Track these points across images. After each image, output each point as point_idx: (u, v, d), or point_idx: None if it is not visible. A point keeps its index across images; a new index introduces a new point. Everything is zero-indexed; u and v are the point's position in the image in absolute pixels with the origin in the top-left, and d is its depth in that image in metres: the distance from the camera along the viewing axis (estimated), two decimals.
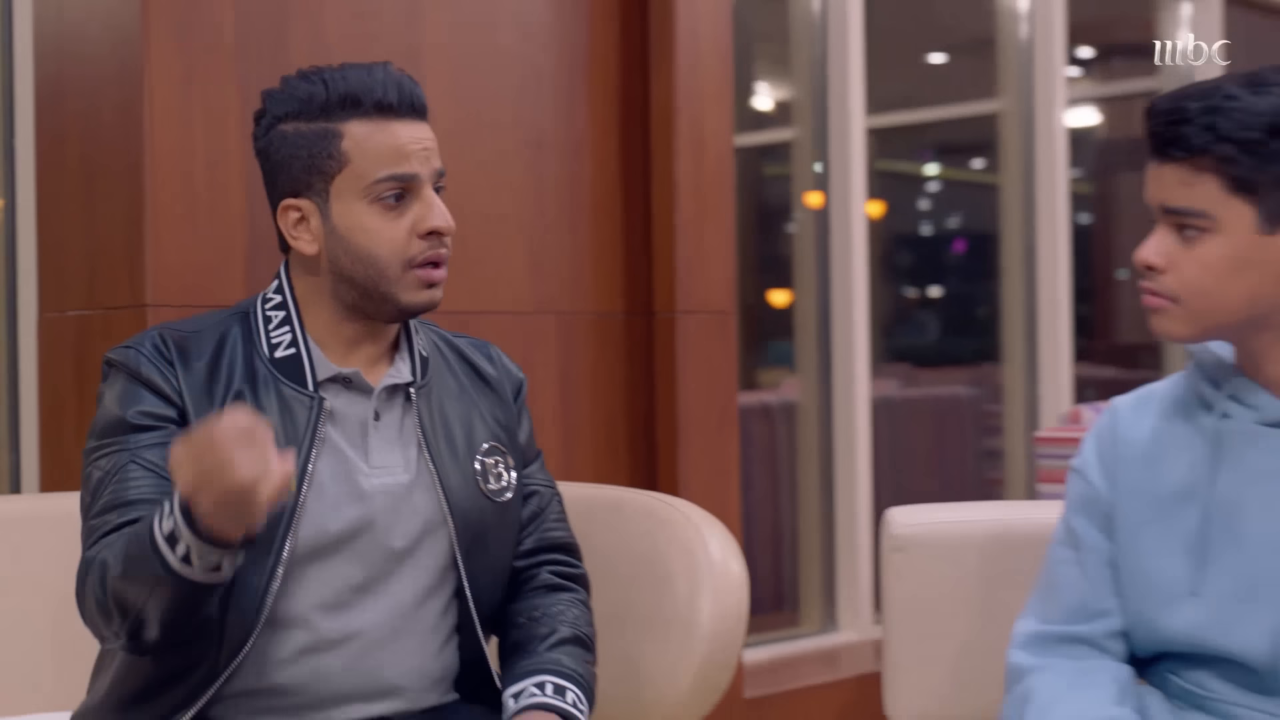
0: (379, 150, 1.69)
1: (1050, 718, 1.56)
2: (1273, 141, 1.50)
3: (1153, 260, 1.57)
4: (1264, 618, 1.54)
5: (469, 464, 1.79)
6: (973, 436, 5.21)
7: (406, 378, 1.78)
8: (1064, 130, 4.83)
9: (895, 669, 1.98)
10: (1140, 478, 1.66)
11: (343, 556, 1.71)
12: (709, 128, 3.24)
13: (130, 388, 1.70)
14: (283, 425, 1.69)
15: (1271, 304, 1.54)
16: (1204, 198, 1.53)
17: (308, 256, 1.73)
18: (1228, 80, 1.54)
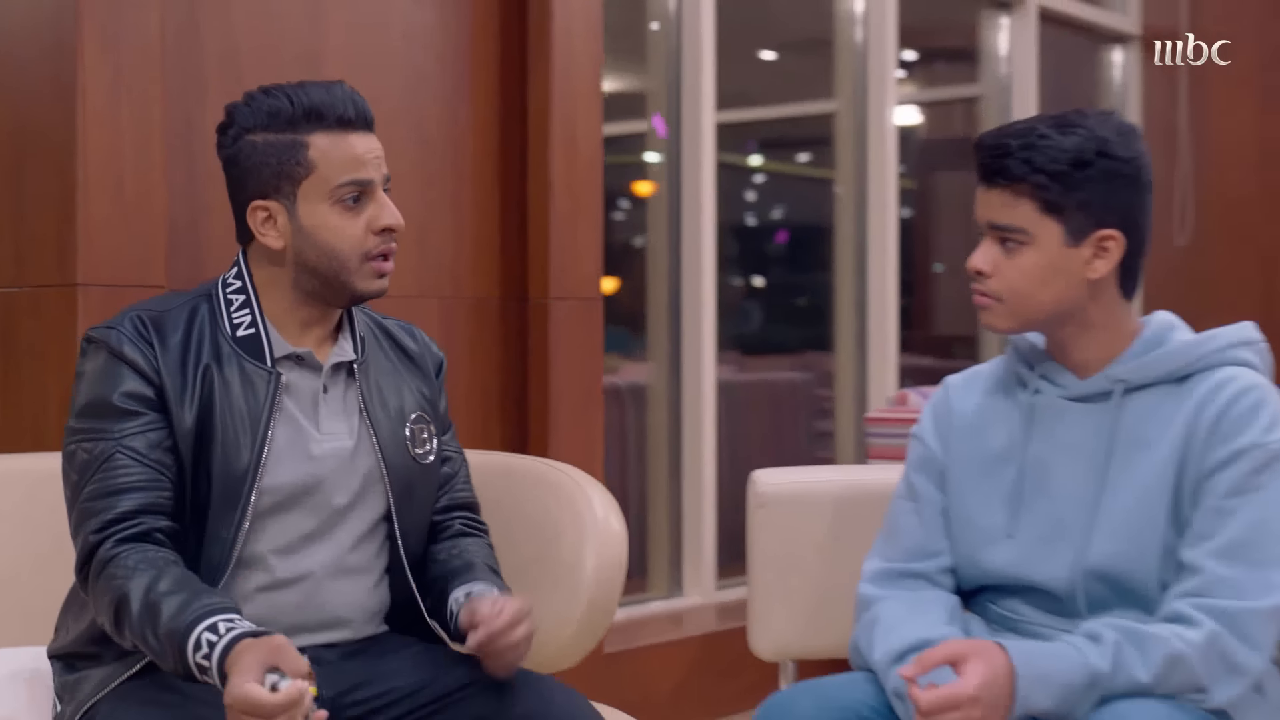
0: (341, 159, 1.95)
1: (894, 636, 1.89)
2: (1076, 173, 1.85)
3: (981, 267, 1.92)
4: (1065, 556, 1.90)
5: (400, 431, 2.07)
6: (805, 418, 5.55)
7: (350, 356, 2.04)
8: (894, 130, 5.11)
9: (759, 608, 2.31)
10: (968, 442, 2.01)
11: (296, 509, 1.98)
12: (581, 129, 3.53)
13: (112, 365, 1.93)
14: (244, 397, 1.94)
15: (1075, 303, 1.90)
16: (1022, 217, 1.88)
17: (274, 250, 1.98)
18: (1041, 121, 1.89)
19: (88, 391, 1.94)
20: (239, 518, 1.92)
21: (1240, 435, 1.84)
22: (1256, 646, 1.77)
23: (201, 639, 1.73)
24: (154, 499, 1.90)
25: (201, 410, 1.93)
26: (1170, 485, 1.86)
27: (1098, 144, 1.87)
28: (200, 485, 1.93)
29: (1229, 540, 1.80)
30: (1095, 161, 1.86)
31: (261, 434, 1.94)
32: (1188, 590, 1.79)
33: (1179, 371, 1.90)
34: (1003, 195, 1.89)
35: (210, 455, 1.92)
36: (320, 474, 1.99)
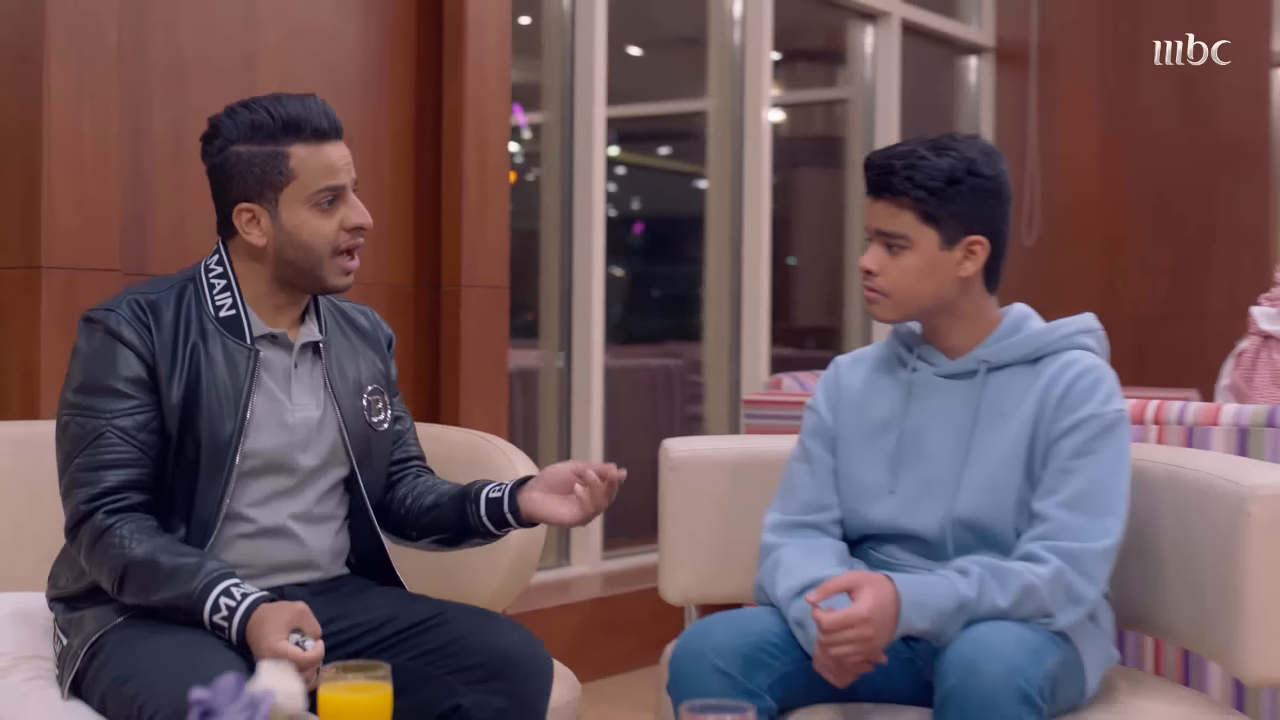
0: (318, 167, 2.22)
1: (793, 575, 2.23)
2: (949, 189, 2.21)
3: (870, 267, 2.27)
4: (937, 509, 2.25)
5: (359, 401, 2.36)
6: (679, 402, 5.87)
7: (316, 336, 2.32)
8: (769, 128, 5.44)
9: (669, 560, 2.64)
10: (855, 412, 2.36)
11: (273, 470, 2.26)
12: (490, 131, 3.83)
13: (109, 345, 2.18)
14: (227, 371, 2.21)
15: (948, 297, 2.25)
16: (905, 225, 2.23)
17: (256, 246, 2.25)
18: (919, 144, 2.24)
19: (85, 370, 2.18)
20: (225, 478, 2.20)
21: (1082, 407, 2.20)
22: (1093, 580, 2.13)
23: (220, 603, 2.04)
24: (138, 475, 2.16)
25: (189, 383, 2.19)
26: (1024, 449, 2.22)
27: (967, 164, 2.22)
28: (188, 450, 2.19)
29: (1072, 494, 2.16)
30: (965, 179, 2.22)
31: (243, 405, 2.21)
32: (1038, 535, 2.15)
33: (1032, 354, 2.26)
34: (888, 207, 2.24)
35: (198, 423, 2.19)
36: (293, 440, 2.27)
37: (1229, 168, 6.84)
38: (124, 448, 2.15)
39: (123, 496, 2.14)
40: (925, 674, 2.20)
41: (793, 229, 6.54)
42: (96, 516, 2.13)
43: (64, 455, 2.18)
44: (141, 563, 2.09)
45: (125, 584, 2.10)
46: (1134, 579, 2.31)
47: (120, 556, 2.10)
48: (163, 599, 2.08)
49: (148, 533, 2.12)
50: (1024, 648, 1.99)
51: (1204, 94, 6.87)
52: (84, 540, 2.14)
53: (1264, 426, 2.59)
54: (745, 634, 2.16)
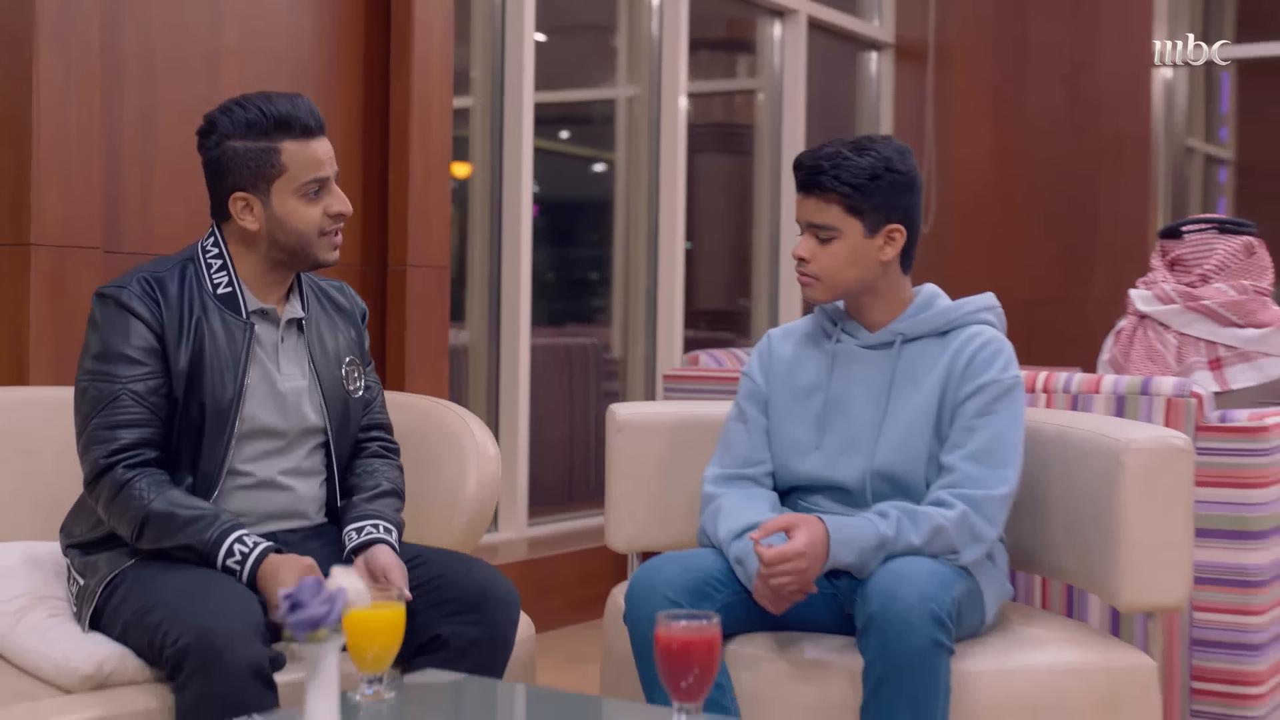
0: (306, 161, 2.49)
1: (733, 520, 2.54)
2: (870, 184, 2.52)
3: (804, 255, 2.57)
4: (858, 463, 2.57)
5: (337, 372, 2.63)
6: (594, 379, 6.14)
7: (300, 313, 2.59)
8: (684, 115, 5.66)
9: (614, 512, 2.93)
10: (785, 378, 2.67)
11: (266, 432, 2.52)
12: (434, 122, 4.10)
13: (122, 318, 2.43)
14: (226, 343, 2.47)
15: (871, 278, 2.57)
16: (833, 218, 2.54)
17: (250, 230, 2.50)
18: (843, 145, 2.55)
19: (101, 340, 2.43)
20: (227, 439, 2.46)
21: (983, 374, 2.53)
22: (993, 522, 2.46)
23: (234, 549, 2.32)
24: (150, 434, 2.42)
25: (194, 352, 2.45)
26: (934, 410, 2.54)
27: (885, 162, 2.54)
28: (193, 413, 2.45)
29: (974, 448, 2.49)
30: (884, 175, 2.54)
31: (240, 373, 2.48)
32: (945, 484, 2.48)
33: (941, 328, 2.59)
34: (818, 202, 2.55)
35: (202, 389, 2.45)
36: (283, 406, 2.54)
37: (1112, 162, 7.27)
38: (138, 409, 2.41)
39: (138, 453, 2.40)
40: (845, 607, 2.53)
41: (693, 215, 6.80)
42: (116, 470, 2.38)
43: (82, 416, 2.43)
44: (160, 513, 2.35)
45: (144, 531, 2.36)
46: (1025, 525, 2.65)
47: (140, 507, 2.35)
48: (179, 544, 2.34)
49: (162, 486, 2.38)
50: (935, 578, 2.31)
51: (1088, 92, 7.29)
52: (104, 492, 2.39)
53: (1139, 394, 2.95)
54: (692, 570, 2.47)
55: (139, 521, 2.36)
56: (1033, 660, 2.41)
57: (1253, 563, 2.92)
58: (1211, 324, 3.38)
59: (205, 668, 2.16)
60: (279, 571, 2.30)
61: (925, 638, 2.24)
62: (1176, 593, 2.44)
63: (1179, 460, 2.44)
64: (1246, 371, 3.34)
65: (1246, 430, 2.91)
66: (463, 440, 2.94)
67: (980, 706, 2.34)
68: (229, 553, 2.32)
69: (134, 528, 2.37)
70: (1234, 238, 3.47)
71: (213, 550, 2.33)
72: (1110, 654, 2.45)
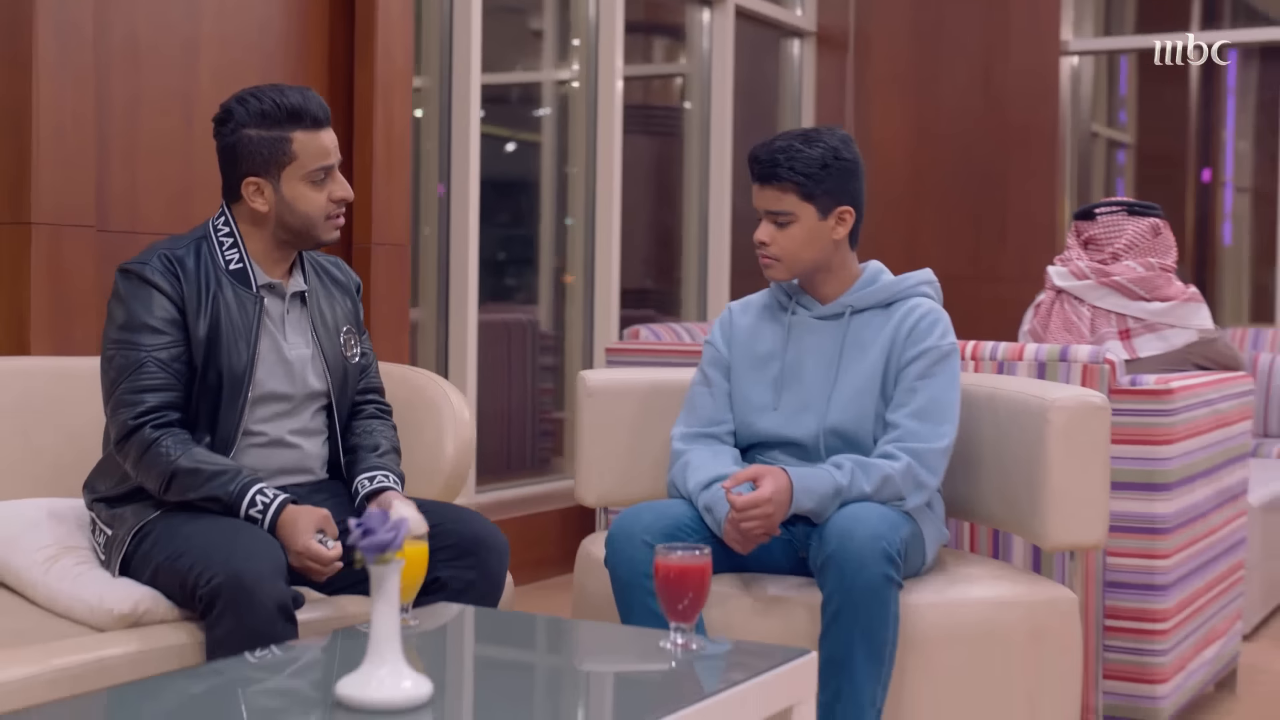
0: (314, 150, 2.72)
1: (700, 473, 2.81)
2: (821, 173, 2.80)
3: (765, 239, 2.84)
4: (812, 421, 2.86)
5: (336, 340, 2.87)
6: (531, 353, 6.38)
7: (302, 287, 2.83)
8: (620, 98, 5.86)
9: (585, 470, 3.20)
10: (745, 346, 2.95)
11: (275, 397, 2.76)
12: (395, 108, 4.33)
13: (144, 291, 2.65)
14: (239, 314, 2.70)
15: (825, 258, 2.85)
16: (789, 205, 2.82)
17: (260, 212, 2.74)
18: (794, 138, 2.82)
19: (126, 312, 2.66)
20: (242, 403, 2.70)
21: (924, 341, 2.82)
22: (934, 472, 2.76)
23: (255, 499, 2.56)
24: (174, 398, 2.66)
25: (211, 323, 2.69)
26: (880, 374, 2.83)
27: (833, 152, 2.82)
28: (211, 379, 2.69)
29: (916, 407, 2.79)
30: (832, 164, 2.82)
31: (253, 343, 2.72)
32: (891, 439, 2.77)
33: (886, 300, 2.88)
34: (775, 192, 2.83)
35: (219, 357, 2.69)
36: (290, 373, 2.78)
37: (1021, 147, 7.63)
38: (162, 375, 2.64)
39: (163, 414, 2.63)
40: (800, 551, 2.82)
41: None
42: (144, 430, 2.61)
43: (110, 382, 2.66)
44: (187, 469, 2.58)
45: (171, 485, 2.59)
46: (959, 477, 2.95)
47: (168, 464, 2.59)
48: (204, 496, 2.58)
49: (186, 444, 2.61)
50: (885, 521, 2.61)
51: (999, 80, 7.65)
52: (132, 451, 2.62)
53: (1058, 361, 3.26)
54: (665, 517, 2.75)
55: (167, 476, 2.59)
56: (969, 594, 2.72)
57: (1160, 511, 3.24)
58: (1121, 298, 3.70)
59: (236, 605, 2.40)
60: (298, 520, 2.54)
61: (877, 573, 2.53)
62: (1095, 533, 2.76)
63: (1097, 416, 2.75)
64: (1153, 341, 3.67)
65: (1154, 393, 3.23)
66: (441, 406, 3.20)
67: (924, 635, 2.64)
68: (251, 503, 2.56)
69: (162, 482, 2.60)
70: (1141, 219, 3.80)
71: (236, 501, 2.57)
72: (1036, 588, 2.76)
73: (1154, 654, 3.26)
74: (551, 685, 2.21)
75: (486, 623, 2.42)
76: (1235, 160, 11.25)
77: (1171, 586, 3.28)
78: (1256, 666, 4.23)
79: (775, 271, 2.87)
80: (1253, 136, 11.19)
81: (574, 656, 2.34)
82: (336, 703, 1.79)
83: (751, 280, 7.21)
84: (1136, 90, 10.64)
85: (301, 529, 2.53)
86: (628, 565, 2.69)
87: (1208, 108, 11.05)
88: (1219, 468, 3.54)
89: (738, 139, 6.79)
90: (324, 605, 2.68)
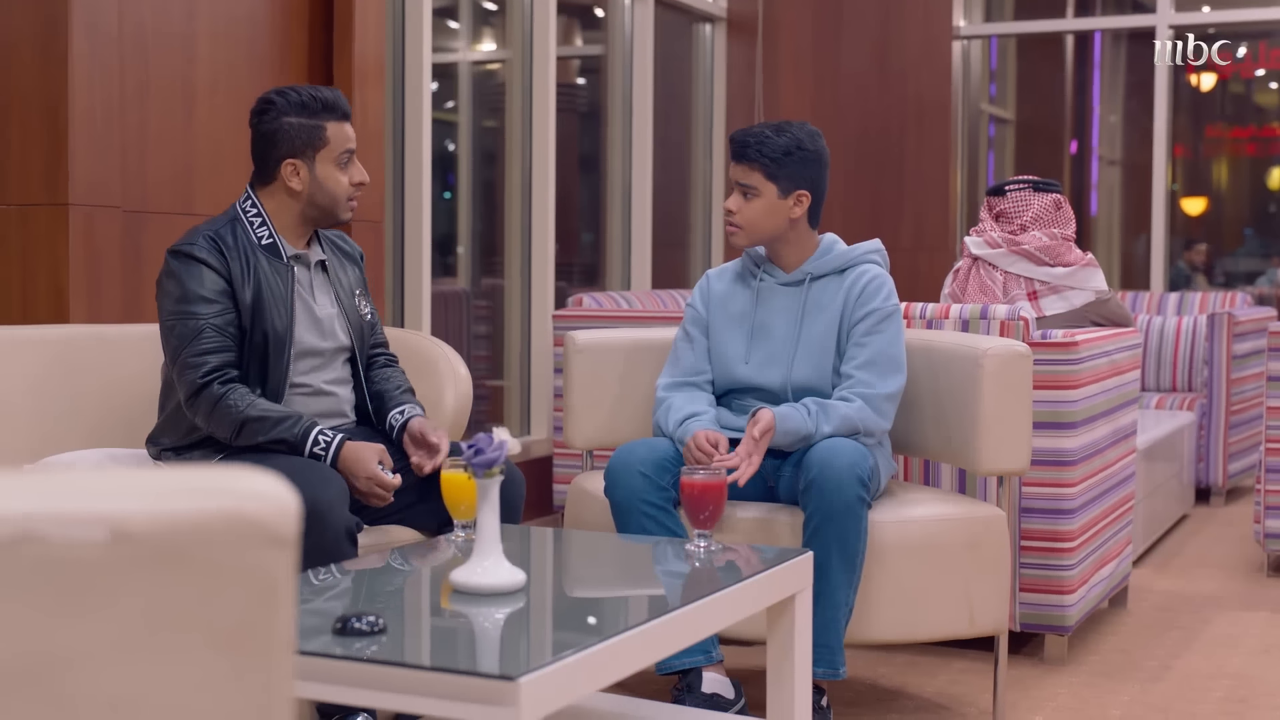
0: (342, 138, 3.15)
1: (679, 413, 3.28)
2: (785, 159, 3.27)
3: (732, 208, 3.31)
4: (778, 373, 3.33)
5: (353, 301, 3.30)
6: (467, 323, 6.79)
7: (321, 257, 3.26)
8: (554, 78, 6.26)
9: (573, 418, 3.66)
10: (721, 308, 3.42)
11: (311, 352, 3.18)
12: (369, 97, 4.73)
13: (195, 268, 3.05)
14: (275, 283, 3.11)
15: (783, 231, 3.33)
16: (756, 180, 3.29)
17: (295, 190, 3.15)
18: (767, 127, 3.29)
19: (181, 287, 3.05)
20: (286, 359, 3.12)
21: (871, 302, 3.31)
22: (884, 415, 3.25)
23: (318, 438, 2.98)
24: (230, 358, 3.06)
25: (255, 291, 3.10)
26: (835, 332, 3.32)
27: (797, 142, 3.30)
28: (258, 339, 3.10)
29: (864, 359, 3.28)
30: (795, 152, 3.29)
31: (289, 307, 3.13)
32: (845, 387, 3.26)
33: (840, 267, 3.37)
34: (745, 169, 3.30)
35: (264, 320, 3.10)
36: (322, 330, 3.21)
37: (916, 124, 8.19)
38: (219, 339, 3.05)
39: (225, 372, 3.04)
40: (769, 481, 3.30)
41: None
42: (212, 387, 3.01)
43: (173, 349, 3.05)
44: (255, 417, 3.00)
45: (242, 432, 3.00)
46: (901, 417, 3.45)
47: (238, 414, 3.00)
48: (272, 439, 2.99)
49: (248, 396, 3.03)
50: (857, 452, 3.09)
51: (895, 60, 8.19)
52: (202, 406, 3.02)
53: (979, 319, 3.77)
54: (655, 450, 3.22)
55: (238, 424, 3.00)
56: (917, 513, 3.23)
57: (1067, 447, 3.78)
58: (1029, 264, 4.24)
59: (311, 528, 2.82)
60: (361, 453, 2.97)
61: (853, 495, 3.02)
62: (1021, 460, 3.28)
63: (1022, 362, 3.27)
64: (1057, 302, 4.21)
65: (1062, 345, 3.77)
66: (439, 363, 3.63)
67: (885, 546, 3.15)
68: (314, 442, 2.99)
69: (233, 430, 3.01)
70: (1045, 195, 4.33)
71: (301, 441, 2.99)
72: (971, 508, 3.28)
73: (1063, 569, 3.80)
74: (610, 576, 2.68)
75: (532, 537, 2.88)
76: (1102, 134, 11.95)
77: (1077, 511, 3.82)
78: (1142, 587, 4.82)
79: (738, 238, 3.35)
80: (1122, 113, 11.89)
81: (617, 557, 2.80)
82: (455, 589, 2.24)
83: (671, 251, 7.69)
84: (1017, 72, 11.26)
85: (366, 459, 2.96)
86: (625, 491, 3.16)
87: (1081, 86, 11.73)
88: (1115, 409, 4.10)
89: (656, 118, 7.26)
90: (372, 533, 3.11)
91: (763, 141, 3.29)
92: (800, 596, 2.61)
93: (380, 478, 2.95)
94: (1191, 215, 11.64)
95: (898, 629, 3.19)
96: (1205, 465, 6.51)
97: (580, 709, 2.78)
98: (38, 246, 3.76)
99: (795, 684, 2.65)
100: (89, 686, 0.93)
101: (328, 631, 2.02)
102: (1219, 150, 11.99)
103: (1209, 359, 6.52)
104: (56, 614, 0.91)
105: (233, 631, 0.96)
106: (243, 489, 0.94)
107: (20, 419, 3.27)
